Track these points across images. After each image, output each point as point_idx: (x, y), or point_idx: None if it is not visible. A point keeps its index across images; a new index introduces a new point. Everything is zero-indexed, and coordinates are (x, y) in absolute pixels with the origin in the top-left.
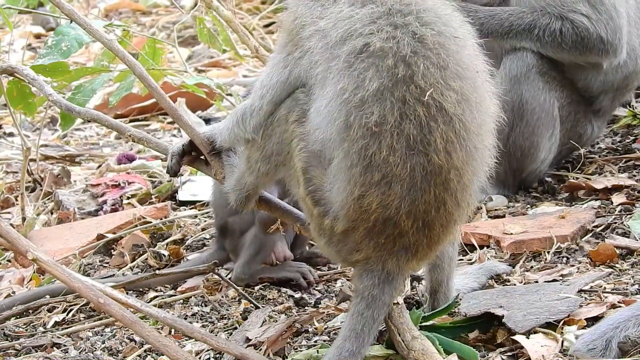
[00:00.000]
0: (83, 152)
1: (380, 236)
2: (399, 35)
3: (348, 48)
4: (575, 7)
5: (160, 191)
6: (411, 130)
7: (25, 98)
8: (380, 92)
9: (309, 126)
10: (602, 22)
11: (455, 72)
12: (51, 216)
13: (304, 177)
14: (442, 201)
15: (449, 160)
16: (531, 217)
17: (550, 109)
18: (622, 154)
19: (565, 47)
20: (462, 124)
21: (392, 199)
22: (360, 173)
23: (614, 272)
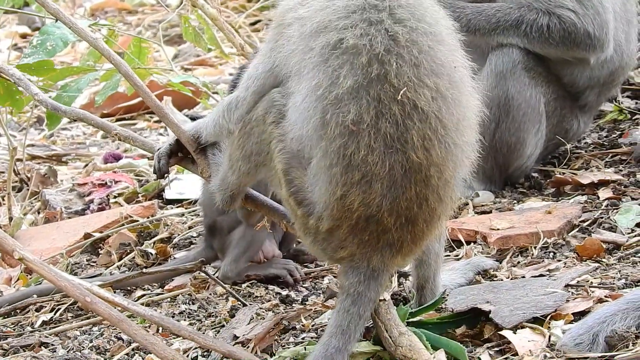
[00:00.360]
0: (70, 151)
1: (364, 233)
2: (373, 32)
3: (322, 41)
4: (562, 3)
5: (147, 190)
6: (388, 129)
7: (13, 95)
8: (355, 90)
9: (287, 124)
10: (589, 17)
11: (429, 69)
12: (38, 216)
13: (285, 179)
14: (424, 197)
15: (428, 157)
16: (518, 212)
17: (536, 104)
18: (609, 149)
19: (553, 43)
20: (438, 120)
21: (374, 197)
22: (341, 173)
23: (601, 266)
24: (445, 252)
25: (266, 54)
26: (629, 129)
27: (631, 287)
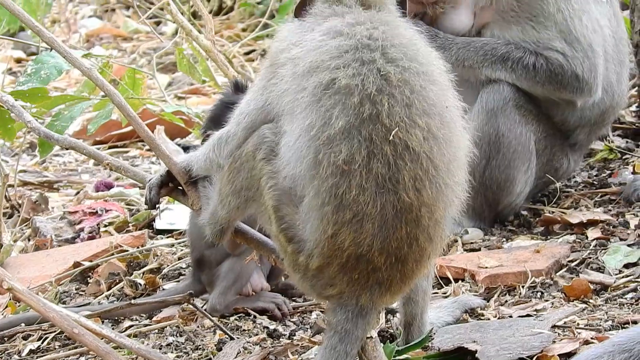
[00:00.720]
0: (61, 178)
1: (354, 272)
2: (365, 72)
3: (315, 81)
4: (550, 44)
5: (138, 219)
6: (379, 169)
7: (5, 123)
8: (347, 130)
9: (279, 162)
10: (578, 60)
11: (421, 109)
12: (28, 243)
13: (275, 215)
14: (415, 237)
15: (419, 198)
16: (506, 250)
17: (527, 142)
18: (598, 188)
19: (539, 82)
20: (430, 161)
21: (365, 236)
22: (332, 212)
23: (588, 307)
24: (433, 289)
25: (258, 91)
26: (619, 168)
27: (618, 329)
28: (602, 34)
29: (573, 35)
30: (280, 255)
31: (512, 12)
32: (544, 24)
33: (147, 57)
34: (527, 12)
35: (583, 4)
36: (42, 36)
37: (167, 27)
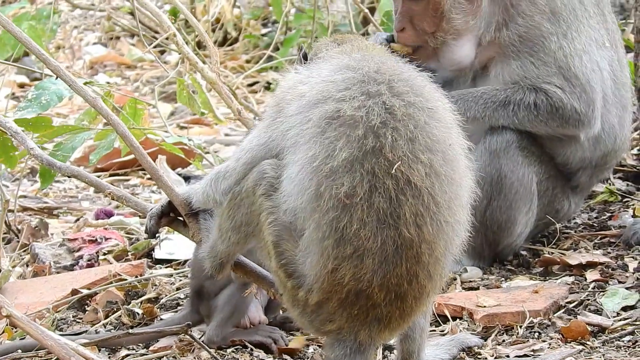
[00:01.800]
0: (62, 204)
1: (354, 307)
2: (370, 104)
3: (321, 111)
4: (549, 80)
5: (137, 248)
6: (381, 203)
7: (7, 151)
8: (350, 162)
9: (279, 197)
10: (576, 95)
11: (424, 144)
12: (27, 269)
13: (275, 251)
14: (414, 274)
15: (419, 234)
16: (505, 290)
17: (529, 183)
18: (598, 231)
19: (542, 119)
20: (431, 197)
21: (365, 272)
22: (333, 246)
23: (585, 349)
24: (431, 326)
25: (262, 129)
26: (619, 211)
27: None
28: (601, 76)
29: (572, 72)
30: (280, 290)
31: (512, 47)
32: (544, 60)
33: (150, 86)
34: (528, 48)
35: (585, 45)
36: (47, 64)
37: (171, 56)
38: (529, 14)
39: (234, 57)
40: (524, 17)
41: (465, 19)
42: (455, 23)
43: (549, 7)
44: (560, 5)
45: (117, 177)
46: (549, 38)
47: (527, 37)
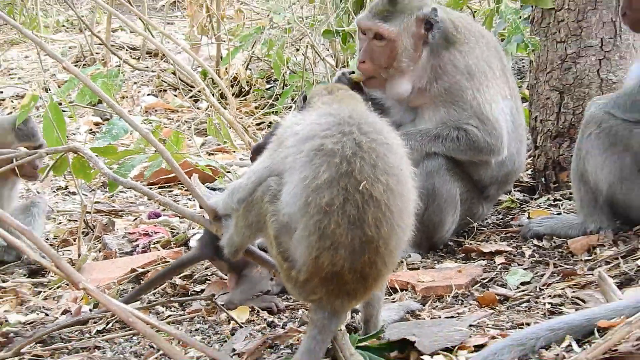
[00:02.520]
0: (124, 208)
1: (330, 284)
2: (344, 140)
3: (310, 145)
4: (467, 121)
5: (178, 239)
6: (351, 210)
7: (85, 169)
8: (329, 181)
9: (279, 204)
10: (488, 131)
11: (383, 169)
12: (99, 254)
13: (275, 242)
14: (374, 262)
15: (378, 233)
16: (438, 270)
17: (454, 195)
18: (503, 228)
19: (463, 149)
20: (387, 207)
21: (338, 259)
22: (316, 240)
23: (495, 312)
24: (385, 296)
25: (267, 156)
26: (518, 214)
27: (516, 329)
28: (505, 119)
29: (484, 115)
30: (278, 269)
31: (440, 97)
32: (463, 107)
33: (187, 124)
34: (451, 98)
35: (492, 96)
36: (114, 109)
37: (202, 103)
38: (452, 74)
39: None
40: (449, 76)
41: (409, 62)
42: (402, 64)
43: (466, 70)
44: (475, 69)
45: (164, 188)
46: (466, 92)
47: (451, 91)
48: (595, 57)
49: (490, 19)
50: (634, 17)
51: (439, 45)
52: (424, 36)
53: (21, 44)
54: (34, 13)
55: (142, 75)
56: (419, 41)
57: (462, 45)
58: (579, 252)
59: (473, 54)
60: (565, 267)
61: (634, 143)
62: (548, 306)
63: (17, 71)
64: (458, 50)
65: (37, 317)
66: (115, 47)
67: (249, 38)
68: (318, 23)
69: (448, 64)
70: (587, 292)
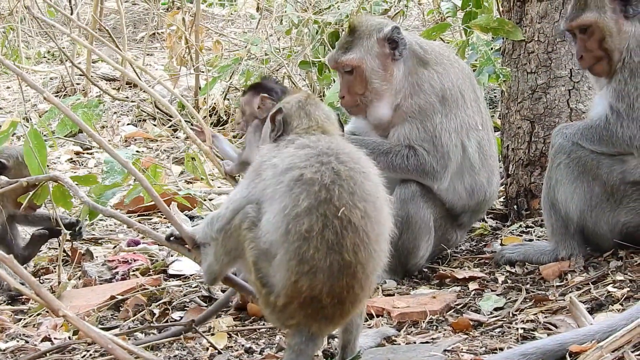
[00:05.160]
0: (104, 236)
1: (308, 308)
2: (323, 169)
3: (289, 176)
4: (421, 143)
5: (156, 267)
6: (330, 236)
7: (65, 198)
8: (309, 209)
9: (258, 231)
10: (436, 158)
11: (360, 196)
12: (79, 281)
13: (254, 268)
14: (352, 286)
15: (356, 258)
16: (412, 296)
17: (428, 222)
18: (476, 255)
19: (410, 169)
20: (365, 233)
21: (317, 283)
22: (296, 265)
23: (469, 337)
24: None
25: (244, 187)
26: (491, 241)
27: (489, 354)
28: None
29: (440, 141)
30: (257, 295)
31: (412, 113)
32: (426, 128)
33: (166, 154)
34: (420, 117)
35: (457, 126)
36: (94, 139)
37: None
38: (428, 93)
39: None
40: (424, 94)
41: (381, 83)
42: (375, 86)
43: (441, 93)
44: (449, 94)
45: (143, 216)
46: (436, 114)
47: (423, 109)
48: (565, 87)
49: (463, 51)
50: (589, 59)
51: (414, 64)
52: (390, 54)
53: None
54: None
55: (122, 105)
56: (387, 60)
57: (437, 65)
58: (550, 278)
59: (448, 77)
60: (537, 293)
61: (602, 173)
62: (521, 331)
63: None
64: (435, 71)
65: (17, 344)
66: (95, 77)
67: (227, 69)
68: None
69: (425, 83)
70: (559, 317)
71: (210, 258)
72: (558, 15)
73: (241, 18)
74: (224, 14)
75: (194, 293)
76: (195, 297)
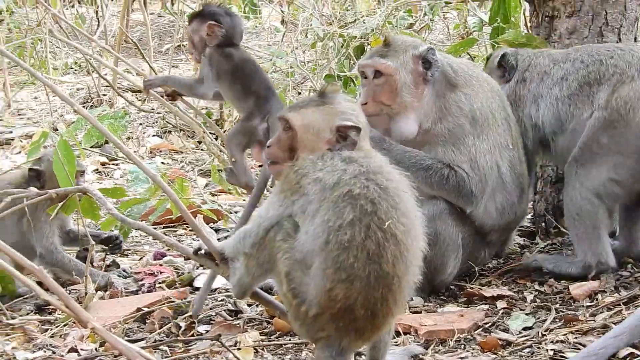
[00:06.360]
0: (130, 247)
1: (341, 320)
2: (370, 185)
3: (337, 193)
4: (460, 164)
5: (182, 279)
6: (371, 246)
7: (93, 210)
8: (352, 220)
9: (295, 242)
10: (475, 181)
11: (404, 212)
12: (105, 293)
13: (286, 279)
14: (386, 298)
15: (393, 270)
16: (440, 314)
17: (456, 239)
18: (505, 273)
19: (447, 189)
20: (405, 246)
21: (352, 292)
22: (332, 272)
23: (497, 357)
24: None
25: (276, 203)
26: (520, 256)
27: None
28: (497, 172)
29: (477, 164)
30: (286, 307)
31: (442, 137)
32: (461, 150)
33: (191, 165)
34: (452, 140)
35: (491, 147)
36: (122, 150)
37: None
38: (457, 116)
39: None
40: (453, 117)
41: (411, 99)
42: (404, 100)
43: (470, 114)
44: (479, 114)
45: (168, 228)
46: (467, 136)
47: (453, 132)
48: None
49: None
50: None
51: (443, 87)
52: (422, 74)
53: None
54: (43, 55)
55: (148, 117)
56: (419, 78)
57: (465, 87)
58: (580, 298)
59: (477, 97)
60: (567, 313)
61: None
62: (551, 352)
63: (26, 112)
64: (463, 93)
65: (44, 354)
66: (121, 89)
67: None
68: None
69: (453, 106)
70: (589, 337)
71: (241, 271)
72: (587, 31)
73: (266, 31)
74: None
75: (220, 307)
76: (222, 311)
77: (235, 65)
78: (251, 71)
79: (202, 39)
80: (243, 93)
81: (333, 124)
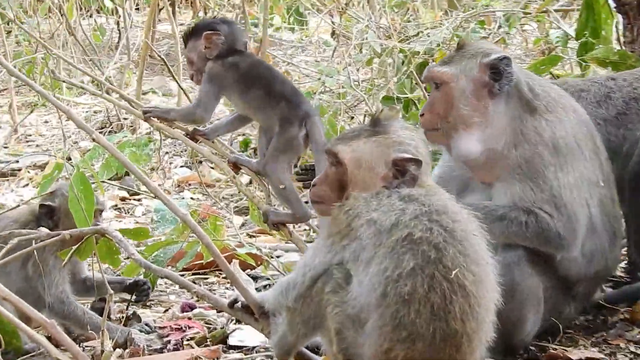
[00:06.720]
0: (153, 297)
1: None
2: (434, 227)
3: (395, 237)
4: (541, 205)
5: (214, 336)
6: (436, 300)
7: (112, 254)
8: (414, 269)
9: (347, 294)
10: (562, 222)
11: (474, 259)
12: (125, 351)
13: (337, 337)
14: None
15: (462, 327)
16: None
17: (536, 291)
18: (594, 332)
19: (529, 236)
20: (476, 299)
21: (414, 353)
22: (391, 330)
23: None
24: None
25: (323, 249)
26: (610, 315)
27: None
28: (588, 211)
29: (562, 201)
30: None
31: (519, 169)
32: (541, 187)
33: (225, 201)
34: (530, 173)
35: (578, 180)
36: (146, 184)
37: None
38: (535, 143)
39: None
40: (531, 145)
41: (470, 112)
42: (461, 112)
43: (551, 142)
44: (562, 142)
45: (199, 276)
46: (548, 168)
47: (532, 163)
48: None
49: None
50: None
51: (519, 108)
52: (488, 84)
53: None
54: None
55: (175, 145)
56: (483, 89)
57: (547, 113)
58: None
59: (561, 125)
60: None
61: None
62: None
63: (35, 138)
64: (544, 118)
65: None
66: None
67: None
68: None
69: (531, 131)
70: None
71: (283, 328)
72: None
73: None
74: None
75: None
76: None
77: (245, 72)
78: (267, 73)
79: (202, 54)
80: (267, 98)
81: (389, 157)
